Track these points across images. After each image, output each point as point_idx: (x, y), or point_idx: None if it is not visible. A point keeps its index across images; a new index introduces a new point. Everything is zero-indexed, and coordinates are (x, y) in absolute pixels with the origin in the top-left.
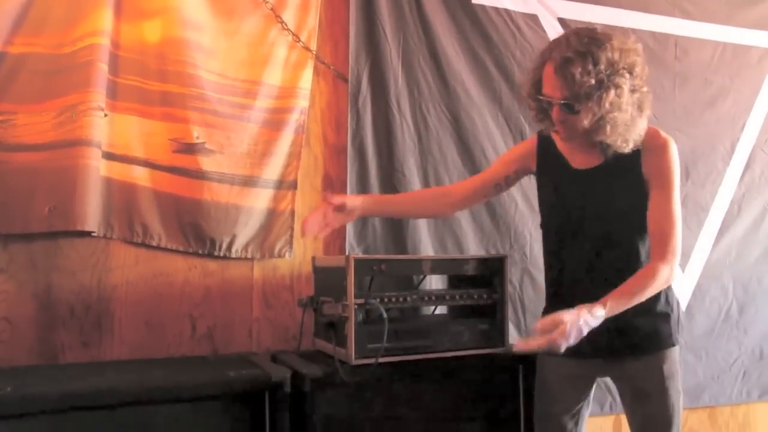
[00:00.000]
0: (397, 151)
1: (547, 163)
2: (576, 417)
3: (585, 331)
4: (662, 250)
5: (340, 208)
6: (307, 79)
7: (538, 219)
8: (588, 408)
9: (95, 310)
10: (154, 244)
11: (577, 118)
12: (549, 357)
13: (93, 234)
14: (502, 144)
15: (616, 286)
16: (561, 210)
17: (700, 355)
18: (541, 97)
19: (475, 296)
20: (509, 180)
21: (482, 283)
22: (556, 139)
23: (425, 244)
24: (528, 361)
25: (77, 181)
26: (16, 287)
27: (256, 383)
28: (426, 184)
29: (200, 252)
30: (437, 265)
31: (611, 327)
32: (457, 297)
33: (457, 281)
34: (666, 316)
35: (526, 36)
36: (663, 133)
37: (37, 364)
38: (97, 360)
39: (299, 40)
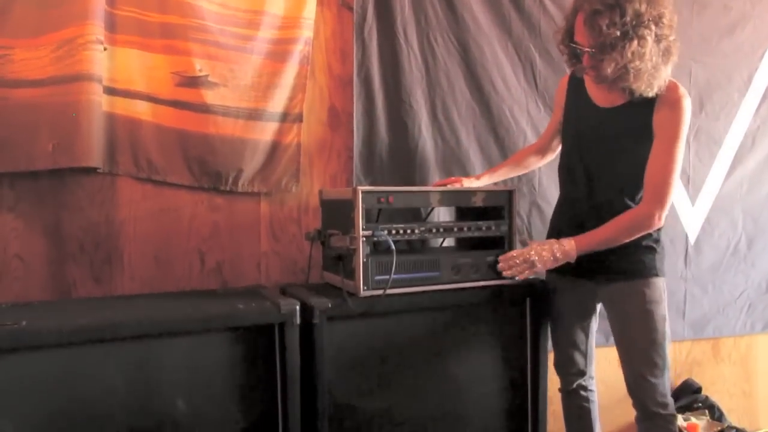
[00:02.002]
0: (404, 82)
1: (574, 99)
2: (586, 330)
3: (554, 258)
4: (653, 198)
5: None
6: (310, 8)
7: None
8: (596, 323)
9: (105, 246)
10: (160, 179)
11: (603, 65)
12: (553, 275)
13: (98, 170)
14: (511, 74)
15: (604, 218)
16: (576, 139)
17: (706, 288)
18: (572, 45)
19: (483, 228)
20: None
21: (490, 215)
22: (587, 79)
23: (433, 176)
24: (536, 293)
25: (79, 116)
26: (26, 225)
27: (266, 315)
28: (434, 115)
29: (206, 186)
30: (445, 197)
31: (601, 253)
32: (465, 229)
33: (465, 213)
34: (651, 249)
35: None
36: (681, 89)
37: (51, 300)
38: (108, 295)
39: None
